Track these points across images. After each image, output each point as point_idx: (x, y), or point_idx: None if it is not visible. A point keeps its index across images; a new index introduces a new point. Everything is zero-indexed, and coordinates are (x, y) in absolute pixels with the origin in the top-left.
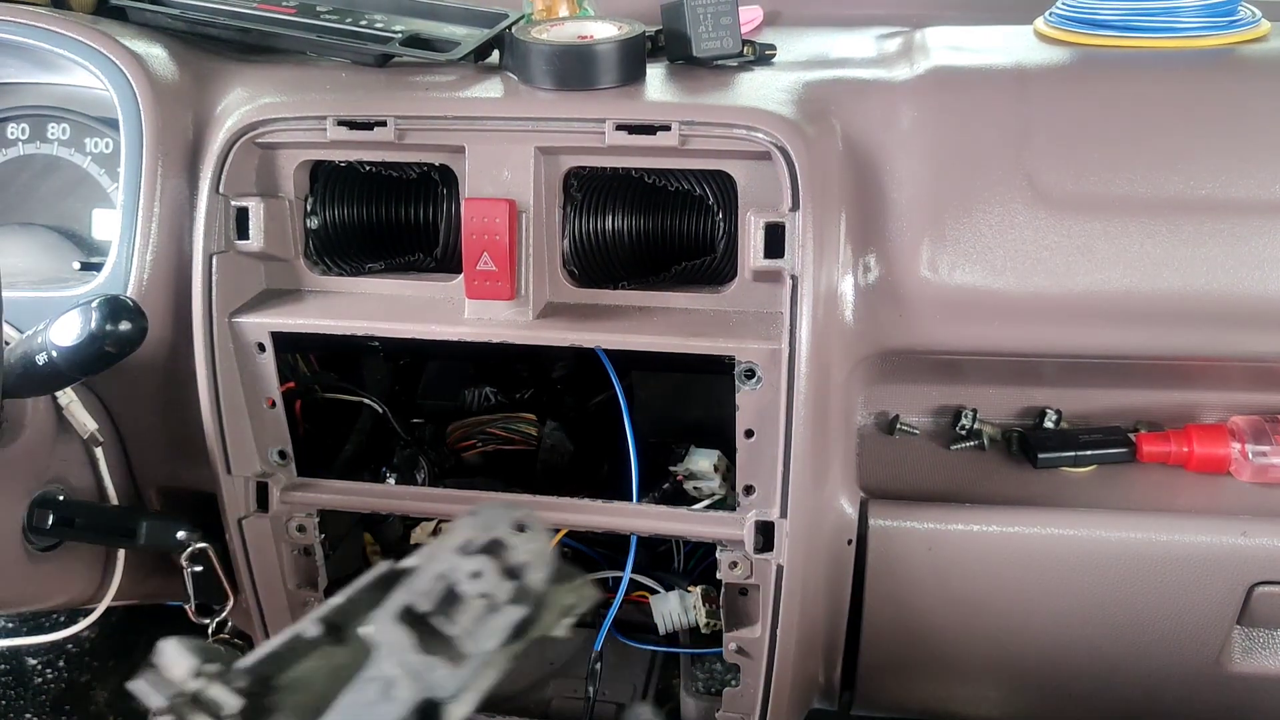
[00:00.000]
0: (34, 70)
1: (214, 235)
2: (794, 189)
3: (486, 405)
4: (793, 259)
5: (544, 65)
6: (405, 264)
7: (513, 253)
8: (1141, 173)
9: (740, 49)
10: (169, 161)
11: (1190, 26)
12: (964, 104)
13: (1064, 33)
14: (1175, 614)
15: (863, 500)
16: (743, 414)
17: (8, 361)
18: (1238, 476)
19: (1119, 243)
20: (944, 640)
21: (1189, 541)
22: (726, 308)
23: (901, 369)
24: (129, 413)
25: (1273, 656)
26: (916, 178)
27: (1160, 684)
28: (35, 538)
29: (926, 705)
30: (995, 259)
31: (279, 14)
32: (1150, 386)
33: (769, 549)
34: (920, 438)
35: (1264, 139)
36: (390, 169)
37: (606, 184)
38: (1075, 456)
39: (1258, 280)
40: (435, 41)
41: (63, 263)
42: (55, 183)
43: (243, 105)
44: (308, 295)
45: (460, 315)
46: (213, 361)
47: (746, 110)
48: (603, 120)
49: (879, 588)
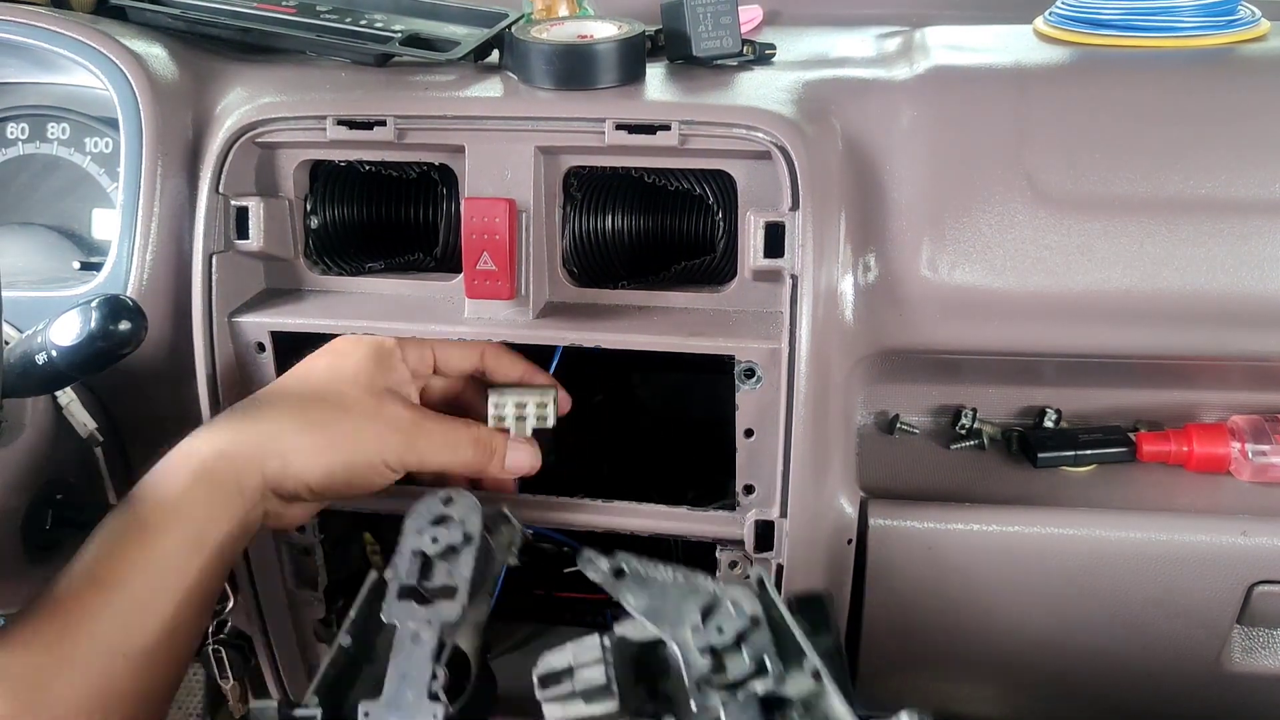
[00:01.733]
0: (34, 70)
1: (214, 235)
2: (794, 188)
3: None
4: (792, 258)
5: (544, 65)
6: (405, 264)
7: (513, 252)
8: (1141, 172)
9: (740, 48)
10: (169, 161)
11: (1190, 26)
12: (964, 103)
13: (1064, 32)
14: (1175, 613)
15: (863, 500)
16: (742, 413)
17: (7, 361)
18: (1238, 476)
19: (1119, 242)
20: (944, 639)
21: (1189, 541)
22: (726, 307)
23: (901, 368)
24: (129, 413)
25: (1273, 656)
26: (916, 177)
27: (1160, 683)
28: (34, 538)
29: (926, 704)
30: (995, 258)
31: (279, 14)
32: (1150, 386)
33: (768, 549)
34: (920, 437)
35: (1264, 138)
36: (390, 169)
37: (606, 183)
38: (1075, 456)
39: (1258, 280)
40: (435, 41)
41: (62, 263)
42: (55, 182)
43: (242, 105)
44: (308, 295)
45: (460, 315)
46: (213, 361)
47: (746, 110)
48: (602, 120)
49: (879, 587)
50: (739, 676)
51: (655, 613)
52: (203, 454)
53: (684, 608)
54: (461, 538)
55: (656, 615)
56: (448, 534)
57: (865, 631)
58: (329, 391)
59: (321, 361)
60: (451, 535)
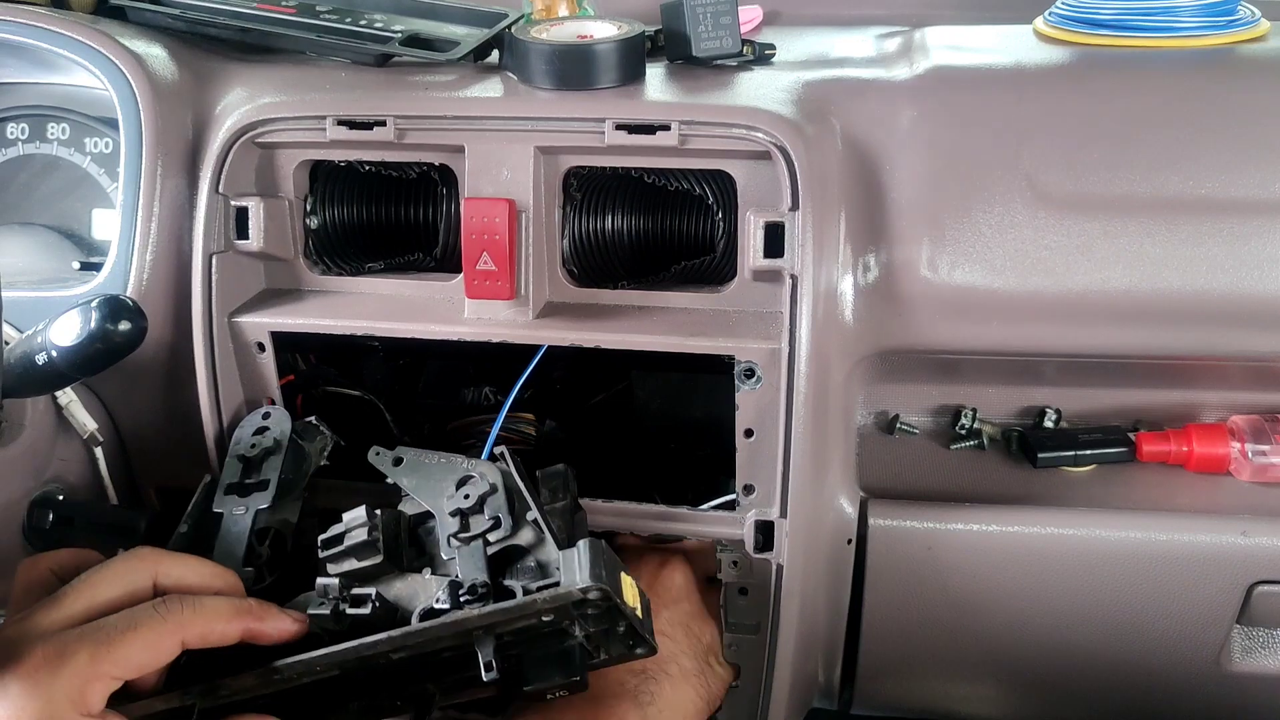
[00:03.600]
0: (34, 70)
1: (214, 235)
2: (794, 188)
3: (486, 405)
4: (792, 258)
5: (543, 65)
6: (405, 264)
7: (512, 252)
8: (1141, 172)
9: (740, 48)
10: (169, 161)
11: (1189, 26)
12: (963, 103)
13: (1063, 32)
14: (1175, 613)
15: (862, 500)
16: (742, 413)
17: (7, 361)
18: (1237, 476)
19: (1118, 242)
20: (944, 639)
21: (1188, 541)
22: (726, 307)
23: (901, 369)
24: (129, 413)
25: (1272, 656)
26: (916, 177)
27: (1159, 683)
28: (35, 537)
29: (926, 704)
30: (995, 258)
31: (279, 14)
32: (1150, 386)
33: (769, 549)
34: (920, 437)
35: (1263, 138)
36: (390, 169)
37: (606, 184)
38: (1075, 456)
39: (1258, 280)
40: (435, 41)
41: (62, 263)
42: (55, 183)
43: (242, 105)
44: (308, 295)
45: (460, 315)
46: (212, 361)
47: (746, 110)
48: (602, 120)
49: (879, 587)
50: (478, 531)
51: (421, 488)
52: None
53: (443, 483)
54: (273, 443)
55: (422, 490)
56: (263, 441)
57: (865, 631)
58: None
59: None
60: (265, 441)
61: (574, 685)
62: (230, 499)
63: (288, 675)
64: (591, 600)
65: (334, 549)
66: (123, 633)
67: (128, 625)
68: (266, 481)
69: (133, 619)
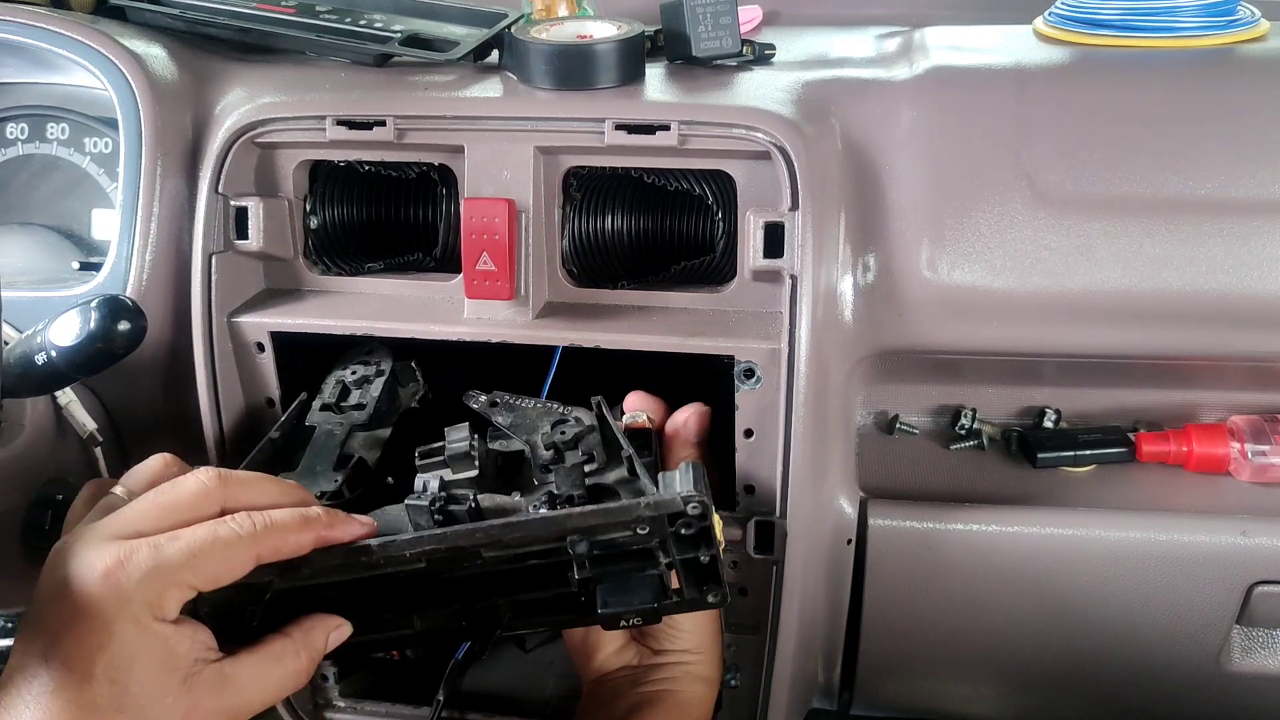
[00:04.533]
0: (33, 70)
1: (213, 235)
2: (793, 189)
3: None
4: (792, 258)
5: (543, 65)
6: (405, 264)
7: (512, 252)
8: (1141, 172)
9: (740, 48)
10: (168, 161)
11: (1189, 26)
12: (963, 104)
13: (1063, 32)
14: (1174, 613)
15: (862, 500)
16: (742, 414)
17: (7, 361)
18: (1237, 476)
19: (1118, 242)
20: (943, 639)
21: (1188, 541)
22: (726, 307)
23: (901, 369)
24: (129, 413)
25: (1272, 656)
26: (916, 177)
27: (1159, 683)
28: (34, 538)
29: (926, 704)
30: (994, 259)
31: (278, 14)
32: (1150, 386)
33: (768, 549)
34: (919, 437)
35: (1263, 138)
36: (390, 169)
37: (606, 184)
38: (1075, 456)
39: (1258, 280)
40: (434, 41)
41: (62, 263)
42: (54, 182)
43: (242, 105)
44: (307, 295)
45: (460, 315)
46: (212, 361)
47: (746, 110)
48: (602, 120)
49: (879, 588)
50: (574, 463)
51: (517, 426)
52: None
53: (539, 422)
54: (374, 372)
55: (517, 428)
56: (364, 370)
57: (865, 631)
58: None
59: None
60: (366, 370)
61: (648, 614)
62: (325, 414)
63: (374, 560)
64: (690, 516)
65: (432, 459)
66: (201, 543)
67: (207, 536)
68: (363, 405)
69: (212, 530)
